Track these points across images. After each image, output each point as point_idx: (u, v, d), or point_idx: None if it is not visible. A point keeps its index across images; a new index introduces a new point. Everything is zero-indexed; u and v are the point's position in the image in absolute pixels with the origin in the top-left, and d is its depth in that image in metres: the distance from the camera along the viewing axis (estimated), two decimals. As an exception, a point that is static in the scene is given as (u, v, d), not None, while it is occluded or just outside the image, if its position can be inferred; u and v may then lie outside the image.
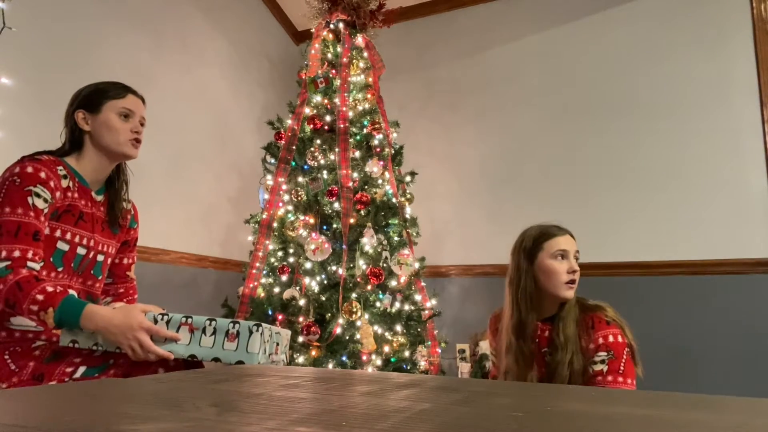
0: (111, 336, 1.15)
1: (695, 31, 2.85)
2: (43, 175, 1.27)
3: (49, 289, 1.17)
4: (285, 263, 2.57)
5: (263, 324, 1.20)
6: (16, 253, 1.20)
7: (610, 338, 1.42)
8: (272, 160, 2.79)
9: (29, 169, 1.26)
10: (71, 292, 1.22)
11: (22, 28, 2.14)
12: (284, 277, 2.55)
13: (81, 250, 1.37)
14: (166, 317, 1.20)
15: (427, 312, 2.62)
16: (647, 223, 2.81)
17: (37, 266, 1.22)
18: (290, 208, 2.68)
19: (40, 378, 1.18)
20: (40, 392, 0.65)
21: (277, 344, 1.30)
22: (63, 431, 0.40)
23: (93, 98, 1.42)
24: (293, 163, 2.75)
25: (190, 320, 1.19)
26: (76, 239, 1.35)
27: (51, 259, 1.31)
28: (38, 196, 1.25)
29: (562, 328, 1.46)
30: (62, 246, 1.32)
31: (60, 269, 1.33)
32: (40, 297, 1.16)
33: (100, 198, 1.46)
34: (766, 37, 2.68)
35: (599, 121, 3.02)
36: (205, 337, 1.18)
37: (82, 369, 1.19)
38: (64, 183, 1.33)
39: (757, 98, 2.67)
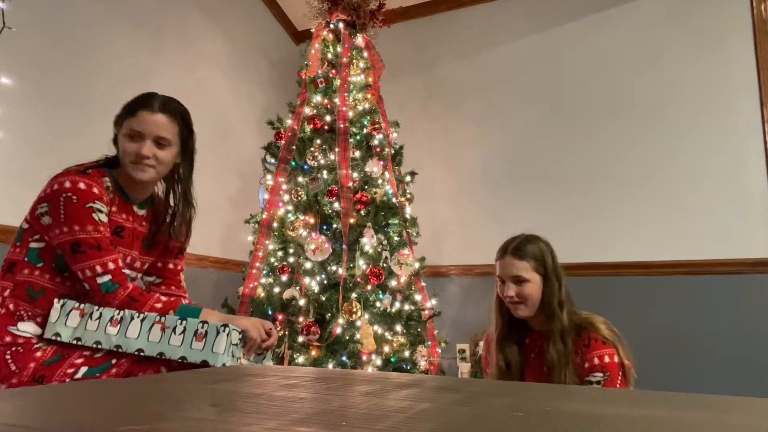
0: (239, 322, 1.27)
1: (695, 31, 2.84)
2: (96, 190, 1.26)
3: (163, 298, 1.28)
4: (285, 263, 2.57)
5: (232, 326, 1.24)
6: (111, 265, 1.24)
7: (606, 359, 1.42)
8: (272, 160, 2.78)
9: (81, 186, 1.24)
10: (183, 300, 1.37)
11: (22, 28, 2.14)
12: (284, 277, 2.54)
13: None
14: (141, 315, 1.24)
15: (427, 312, 2.62)
16: (648, 223, 2.81)
17: (131, 273, 1.32)
18: (290, 208, 2.68)
19: (41, 380, 1.18)
20: (40, 392, 0.65)
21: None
22: (63, 431, 0.40)
23: (120, 115, 1.38)
24: (293, 163, 2.75)
25: (162, 319, 1.23)
26: None
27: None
28: (100, 211, 1.26)
29: (552, 346, 1.47)
30: None
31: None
32: (158, 305, 1.26)
33: (142, 212, 1.42)
34: (766, 37, 2.68)
35: (599, 121, 3.02)
36: (175, 336, 1.21)
37: (83, 369, 1.18)
38: (108, 196, 1.31)
39: (757, 98, 2.67)
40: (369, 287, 2.44)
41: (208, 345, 1.20)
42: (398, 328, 2.48)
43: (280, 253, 2.63)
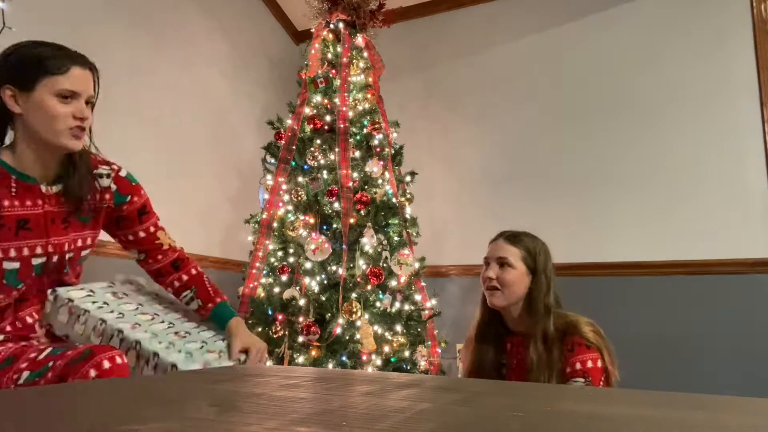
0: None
1: (695, 31, 2.84)
2: None
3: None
4: (285, 263, 2.57)
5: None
6: None
7: (589, 364, 1.38)
8: (272, 160, 2.78)
9: None
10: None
11: (22, 28, 2.14)
12: (284, 277, 2.54)
13: (37, 261, 1.21)
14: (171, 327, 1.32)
15: (427, 312, 2.62)
16: (647, 222, 2.81)
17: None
18: (290, 208, 2.68)
19: None
20: (39, 392, 0.65)
21: (221, 352, 1.37)
22: (63, 431, 0.40)
23: (26, 71, 1.13)
24: (293, 163, 2.75)
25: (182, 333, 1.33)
26: (25, 252, 1.18)
27: (4, 282, 1.17)
28: None
29: (533, 347, 1.43)
30: (10, 265, 1.17)
31: (20, 287, 1.20)
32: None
33: (54, 189, 1.23)
34: (766, 38, 2.68)
35: (598, 121, 3.02)
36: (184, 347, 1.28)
37: (25, 374, 1.09)
38: None
39: (757, 98, 2.67)
40: (369, 287, 2.44)
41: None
42: (398, 328, 2.48)
43: (280, 253, 2.63)
